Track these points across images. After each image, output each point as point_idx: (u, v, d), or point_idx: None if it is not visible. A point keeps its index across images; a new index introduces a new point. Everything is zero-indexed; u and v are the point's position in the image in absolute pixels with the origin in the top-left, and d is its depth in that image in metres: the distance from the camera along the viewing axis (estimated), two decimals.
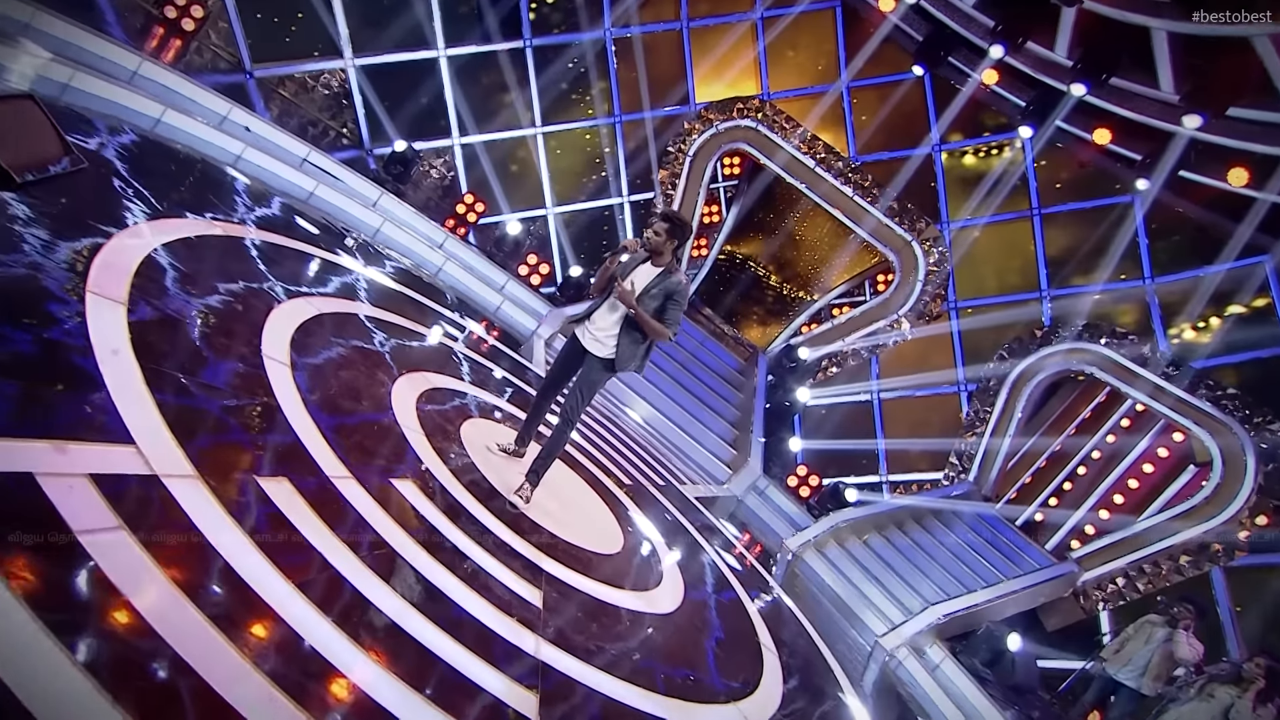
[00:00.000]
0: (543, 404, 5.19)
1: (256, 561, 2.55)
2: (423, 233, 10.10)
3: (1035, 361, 13.00)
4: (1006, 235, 14.19)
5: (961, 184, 14.66)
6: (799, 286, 19.33)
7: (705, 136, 14.85)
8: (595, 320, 4.74)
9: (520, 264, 11.72)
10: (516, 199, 14.12)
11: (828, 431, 15.00)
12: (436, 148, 13.23)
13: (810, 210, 17.41)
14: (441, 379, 5.89)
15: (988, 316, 14.16)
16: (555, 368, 5.04)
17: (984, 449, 13.15)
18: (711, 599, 5.92)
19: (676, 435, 11.25)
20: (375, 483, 3.69)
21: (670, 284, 4.54)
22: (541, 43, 13.76)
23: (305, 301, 5.29)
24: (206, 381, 3.35)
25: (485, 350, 8.25)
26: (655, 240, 4.54)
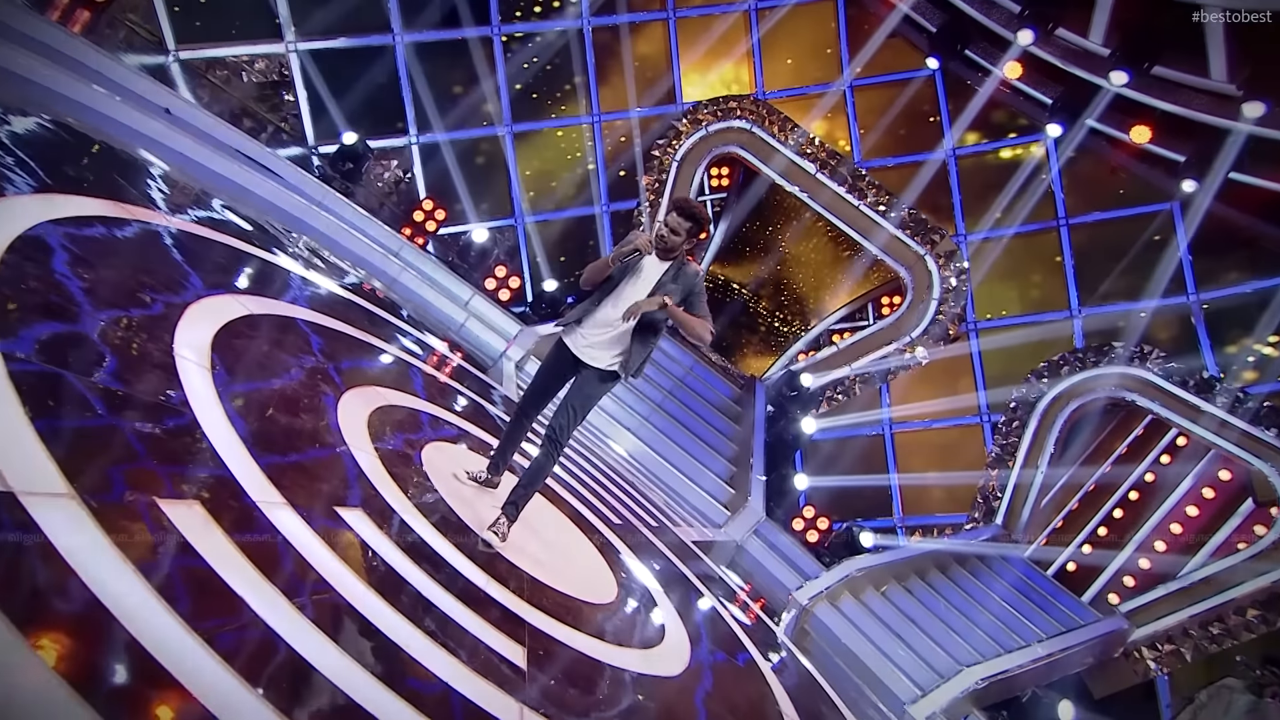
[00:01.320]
0: (521, 425, 4.82)
1: (150, 606, 2.05)
2: (375, 238, 9.83)
3: (1069, 387, 12.97)
4: (1031, 248, 14.17)
5: (980, 192, 14.66)
6: (794, 311, 19.51)
7: (694, 139, 14.81)
8: (593, 323, 4.40)
9: (487, 277, 11.56)
10: (483, 206, 14.00)
11: (835, 467, 14.77)
12: (391, 147, 13.04)
13: (808, 226, 17.52)
14: (398, 396, 5.47)
15: (1012, 337, 14.09)
16: (538, 381, 4.69)
17: (1013, 486, 12.99)
18: (723, 660, 5.46)
19: (667, 472, 11.02)
20: (316, 512, 3.20)
21: (687, 277, 4.25)
22: (512, 30, 13.66)
23: (233, 299, 4.82)
24: (92, 379, 2.85)
25: (449, 371, 7.90)
26: (672, 240, 4.25)
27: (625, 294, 4.31)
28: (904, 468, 14.63)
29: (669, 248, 4.27)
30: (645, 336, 4.34)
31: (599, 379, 4.42)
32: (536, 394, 4.72)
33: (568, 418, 4.44)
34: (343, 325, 6.09)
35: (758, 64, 15.28)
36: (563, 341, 4.55)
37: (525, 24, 13.88)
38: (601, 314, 4.35)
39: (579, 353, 4.43)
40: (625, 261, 4.31)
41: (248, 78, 10.78)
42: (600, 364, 4.39)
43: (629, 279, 4.31)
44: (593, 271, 4.38)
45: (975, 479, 13.46)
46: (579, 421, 4.52)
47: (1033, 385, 13.37)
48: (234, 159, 7.86)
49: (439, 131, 13.41)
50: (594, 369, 4.41)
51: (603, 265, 4.33)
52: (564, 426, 4.45)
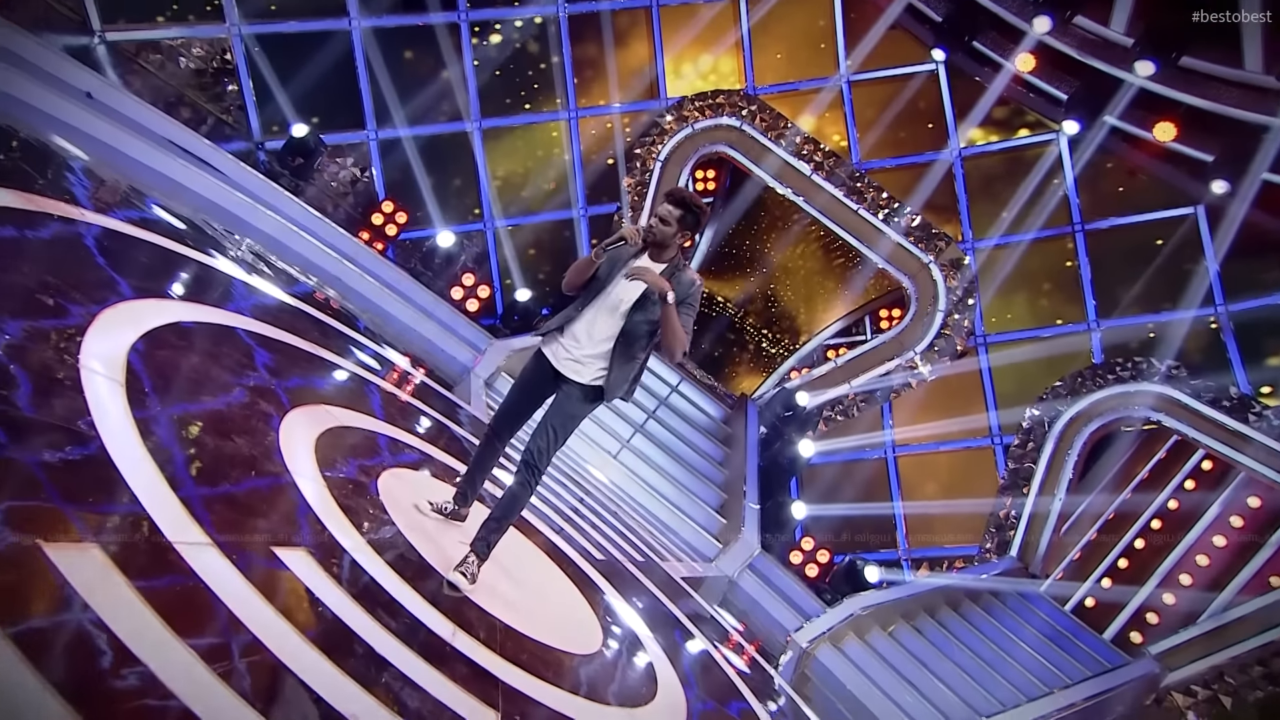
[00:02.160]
0: (492, 449, 4.56)
1: (17, 675, 1.73)
2: (328, 241, 9.61)
3: (1088, 406, 12.84)
4: (1044, 255, 14.07)
5: (988, 196, 14.58)
6: (785, 325, 19.42)
7: (680, 137, 14.67)
8: (575, 332, 4.17)
9: (453, 285, 11.38)
10: (449, 209, 13.75)
11: (834, 494, 14.58)
12: (346, 143, 12.85)
13: (800, 232, 17.47)
14: (352, 416, 5.19)
15: (1024, 352, 13.96)
16: (513, 399, 4.45)
17: (1028, 515, 12.82)
18: (712, 710, 5.19)
19: (651, 500, 10.76)
20: (249, 553, 2.89)
21: (681, 285, 4.04)
22: (481, 17, 13.54)
23: (158, 305, 4.51)
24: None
25: (411, 388, 7.68)
26: (663, 230, 4.04)
27: (614, 297, 4.11)
28: (909, 494, 14.39)
29: (659, 240, 4.08)
30: (628, 350, 4.11)
31: (582, 396, 4.20)
32: (510, 413, 4.48)
33: (546, 440, 4.20)
34: (289, 337, 5.82)
35: (748, 56, 15.17)
36: (541, 353, 4.31)
37: (495, 10, 13.76)
38: (585, 321, 4.15)
39: (559, 366, 4.20)
40: (610, 252, 4.13)
41: (185, 63, 10.49)
42: (584, 379, 4.16)
43: (617, 281, 4.11)
44: (575, 272, 4.16)
45: (986, 507, 13.27)
46: (559, 445, 4.27)
47: (1048, 404, 13.21)
48: (167, 151, 7.59)
49: (400, 126, 13.22)
50: (576, 385, 4.18)
51: (586, 264, 4.12)
52: (542, 450, 4.20)
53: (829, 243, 17.09)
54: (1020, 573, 12.34)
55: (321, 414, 4.81)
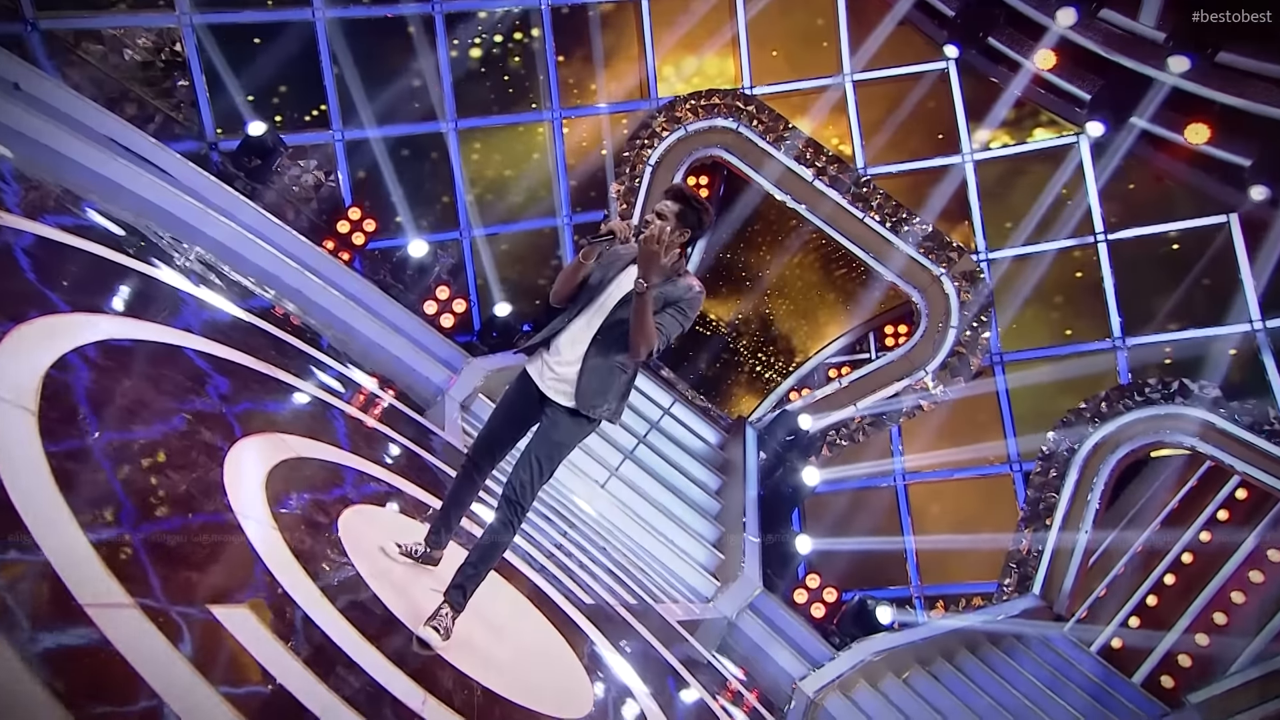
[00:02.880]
0: (470, 483, 4.34)
1: None
2: (289, 251, 9.46)
3: (1115, 431, 12.69)
4: (1066, 267, 14.01)
5: (1003, 203, 14.52)
6: (783, 342, 19.34)
7: (671, 140, 14.56)
8: (560, 347, 3.98)
9: (426, 299, 11.35)
10: (422, 216, 13.66)
11: (840, 526, 14.43)
12: (309, 143, 12.72)
13: (799, 245, 17.51)
14: (310, 446, 4.93)
15: (1045, 372, 13.83)
16: (493, 425, 4.26)
17: (1051, 549, 12.66)
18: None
19: (643, 535, 10.56)
20: (179, 612, 2.61)
21: (678, 288, 3.88)
22: (456, 9, 13.41)
23: (87, 320, 4.23)
24: None
25: (378, 412, 7.45)
26: (659, 228, 3.81)
27: (606, 307, 3.93)
28: (920, 525, 14.23)
29: (656, 239, 3.82)
30: (605, 354, 3.90)
31: (570, 422, 3.98)
32: (491, 442, 4.27)
33: (530, 473, 3.98)
34: (241, 356, 5.57)
35: (744, 53, 15.08)
36: (525, 374, 4.11)
37: (472, 1, 13.66)
38: (572, 333, 3.96)
39: (544, 387, 4.00)
40: (598, 247, 3.94)
41: (130, 55, 10.28)
42: (570, 402, 3.95)
43: (610, 287, 3.94)
44: (563, 280, 3.97)
45: (1005, 541, 13.08)
46: (545, 479, 4.06)
47: (1071, 429, 13.04)
48: (107, 150, 7.38)
49: (368, 127, 13.07)
50: (564, 409, 3.96)
51: (574, 269, 3.94)
52: (526, 485, 3.98)
53: (831, 254, 17.13)
54: (1044, 612, 12.18)
55: (275, 444, 4.57)
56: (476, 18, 13.75)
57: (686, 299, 3.87)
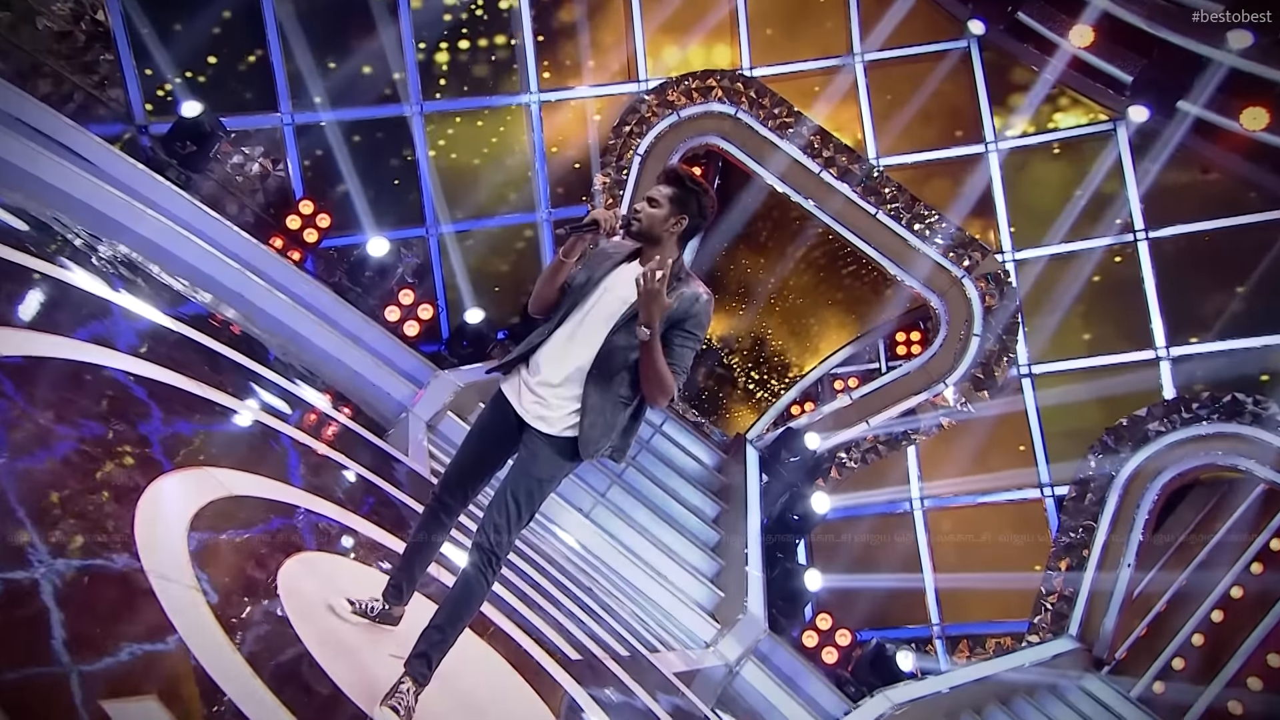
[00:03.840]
0: (437, 525, 4.09)
1: None
2: (230, 250, 9.27)
3: (1159, 452, 12.63)
4: (1102, 270, 13.93)
5: (1031, 198, 14.50)
6: (784, 352, 19.39)
7: (663, 126, 14.40)
8: (540, 363, 3.79)
9: (388, 304, 11.29)
10: (383, 210, 13.44)
11: (852, 557, 14.30)
12: (255, 128, 12.54)
13: (802, 243, 17.42)
14: (247, 481, 4.68)
15: (1079, 386, 13.73)
16: (464, 456, 4.05)
17: (1090, 584, 12.61)
18: None
19: (633, 571, 10.35)
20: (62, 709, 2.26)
21: (684, 299, 3.68)
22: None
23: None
24: None
25: (331, 436, 7.31)
26: (651, 217, 3.70)
27: (593, 315, 3.75)
28: (941, 556, 14.08)
29: (645, 230, 3.73)
30: (607, 384, 3.72)
31: (553, 452, 3.77)
32: (462, 475, 4.04)
33: (506, 515, 3.75)
34: (166, 374, 5.31)
35: (743, 31, 14.94)
36: (501, 394, 3.92)
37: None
38: (554, 346, 3.79)
39: (523, 410, 3.80)
40: (581, 242, 3.76)
41: (44, 24, 10.08)
42: (553, 427, 3.75)
43: (597, 290, 3.78)
44: (542, 283, 3.81)
45: (1037, 577, 13.04)
46: (524, 521, 3.83)
47: (1110, 449, 12.97)
48: (12, 133, 7.22)
49: (322, 110, 12.88)
50: (545, 437, 3.75)
51: (553, 269, 3.78)
52: (501, 530, 3.76)
53: (837, 253, 17.10)
54: (1082, 656, 12.09)
55: (203, 481, 4.28)
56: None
57: (694, 312, 3.67)
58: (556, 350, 3.74)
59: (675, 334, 3.65)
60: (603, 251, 3.84)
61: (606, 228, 3.67)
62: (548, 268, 3.80)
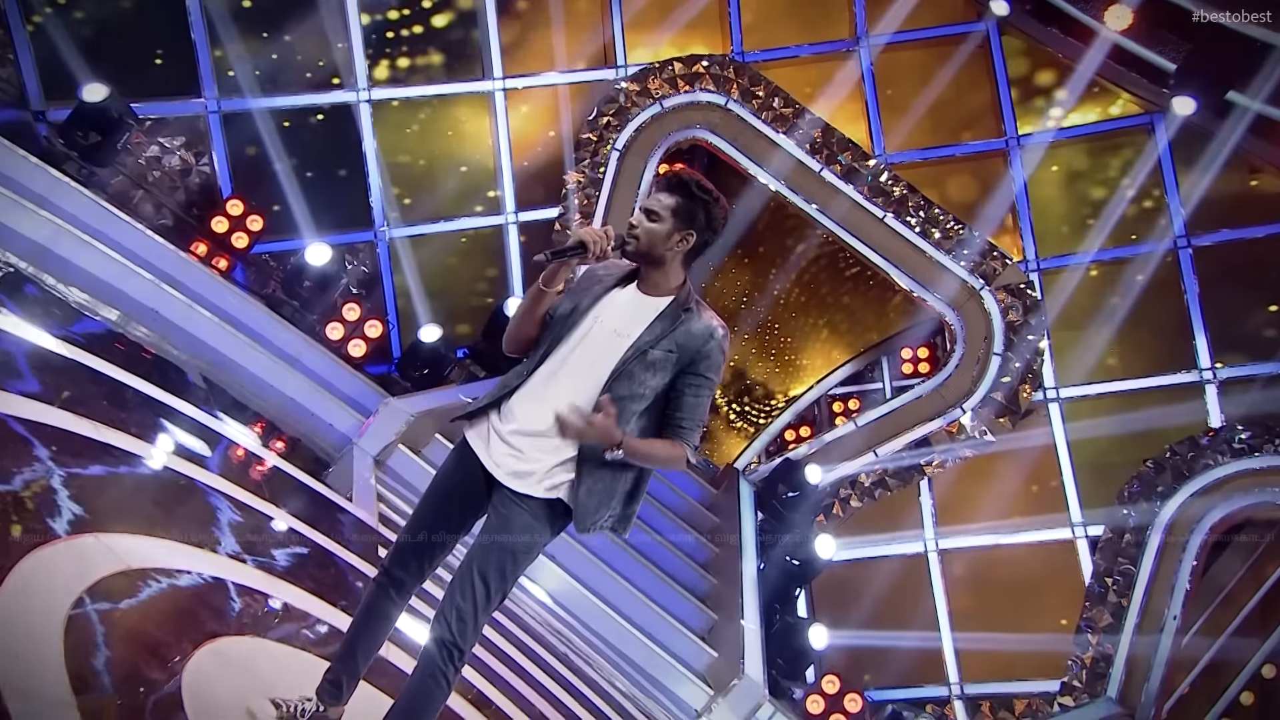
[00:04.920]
0: (385, 606, 3.87)
1: None
2: (142, 257, 9.17)
3: (1208, 488, 12.57)
4: (1135, 280, 13.76)
5: (1058, 200, 14.51)
6: (776, 370, 19.32)
7: (644, 118, 14.16)
8: (516, 411, 3.64)
9: (330, 321, 11.02)
10: (325, 211, 13.19)
11: (853, 606, 13.95)
12: (173, 116, 12.33)
13: (796, 248, 17.17)
14: (151, 547, 4.47)
15: (1114, 413, 13.62)
16: (419, 521, 3.85)
17: (1130, 637, 12.47)
18: None
19: (611, 626, 10.11)
20: None
21: (694, 336, 3.60)
22: None
23: None
24: None
25: (259, 480, 7.13)
26: (651, 234, 3.54)
27: (581, 351, 3.61)
28: (959, 604, 13.91)
29: (643, 250, 3.56)
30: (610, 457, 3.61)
31: (532, 518, 3.58)
32: (416, 544, 3.85)
33: (473, 599, 3.55)
34: (52, 411, 5.15)
35: (734, 11, 14.79)
36: (466, 446, 3.73)
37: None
38: (535, 390, 3.62)
39: (494, 465, 3.60)
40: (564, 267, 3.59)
41: None
42: (534, 488, 3.56)
43: (584, 322, 3.64)
44: (518, 318, 3.71)
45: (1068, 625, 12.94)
46: (495, 603, 3.65)
47: (1149, 483, 12.90)
48: None
49: (252, 95, 12.69)
50: (521, 498, 3.57)
51: (531, 300, 3.64)
52: (466, 616, 3.55)
53: (836, 260, 16.87)
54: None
55: (92, 552, 4.04)
56: None
57: (707, 352, 3.54)
58: (536, 392, 3.57)
59: (686, 380, 3.55)
60: (591, 274, 3.70)
61: (596, 250, 3.50)
62: (525, 299, 3.68)
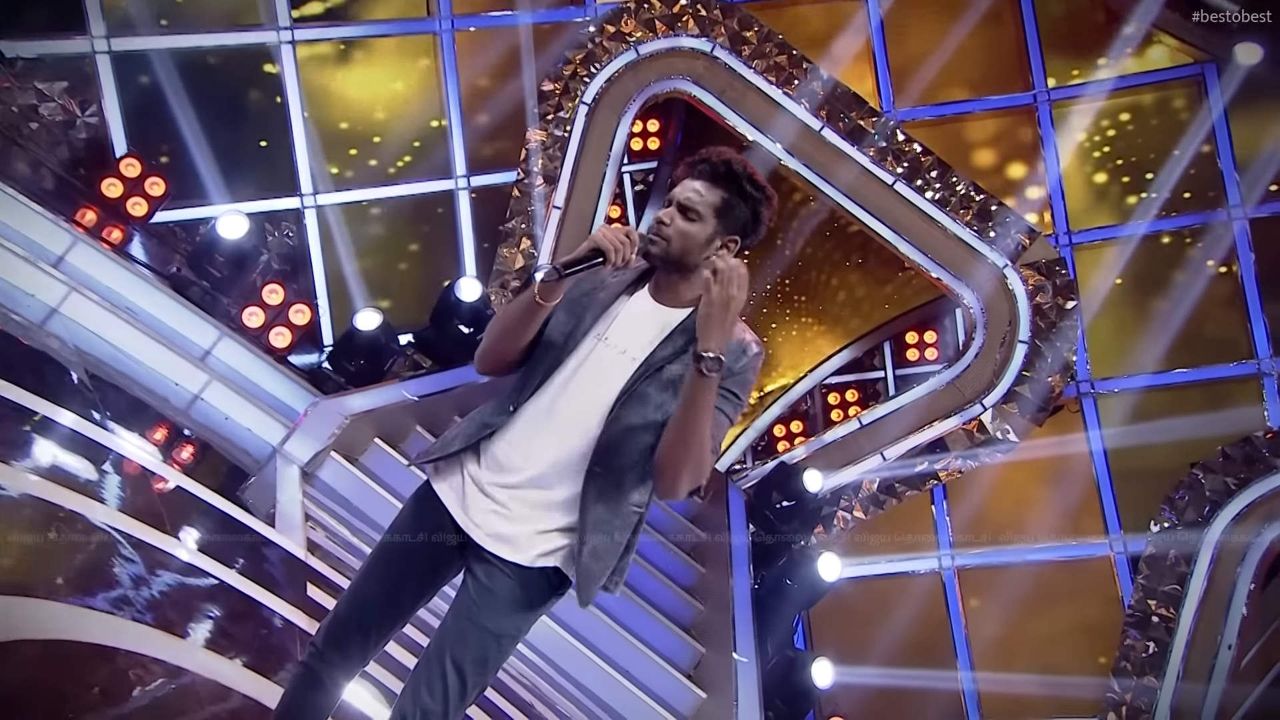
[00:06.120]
0: (316, 693, 3.51)
1: None
2: (13, 229, 8.93)
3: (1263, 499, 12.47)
4: (1184, 257, 13.82)
5: (1090, 166, 14.42)
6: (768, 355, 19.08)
7: (617, 67, 13.84)
8: (499, 456, 3.38)
9: (248, 305, 10.68)
10: (240, 173, 13.02)
11: (856, 636, 14.02)
12: (52, 55, 12.11)
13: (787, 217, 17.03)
14: (13, 605, 4.07)
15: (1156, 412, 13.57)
16: (364, 589, 3.55)
17: (1177, 674, 12.34)
18: None
19: (582, 664, 9.70)
20: None
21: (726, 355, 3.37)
22: None
23: None
24: None
25: (159, 501, 6.66)
26: (686, 237, 3.33)
27: (583, 379, 3.34)
28: (977, 630, 13.85)
29: (675, 255, 3.33)
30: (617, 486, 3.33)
31: (522, 591, 3.33)
32: (361, 617, 3.49)
33: (444, 693, 3.25)
34: None
35: None
36: (431, 495, 3.44)
37: None
38: (525, 429, 3.36)
39: (472, 525, 3.31)
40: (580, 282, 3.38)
41: None
42: (524, 553, 3.29)
43: (586, 341, 3.40)
44: (501, 331, 3.44)
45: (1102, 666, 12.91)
46: (472, 698, 3.35)
47: (1198, 491, 12.80)
48: None
49: (148, 31, 12.42)
50: (508, 568, 3.30)
51: (520, 311, 3.35)
52: (433, 714, 3.24)
53: (832, 230, 16.75)
54: None
55: None
56: None
57: (739, 369, 3.27)
58: (526, 433, 3.30)
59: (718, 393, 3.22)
60: (597, 279, 3.42)
61: (617, 260, 3.17)
62: (511, 308, 3.36)
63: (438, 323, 11.93)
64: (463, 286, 11.41)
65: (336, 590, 6.50)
